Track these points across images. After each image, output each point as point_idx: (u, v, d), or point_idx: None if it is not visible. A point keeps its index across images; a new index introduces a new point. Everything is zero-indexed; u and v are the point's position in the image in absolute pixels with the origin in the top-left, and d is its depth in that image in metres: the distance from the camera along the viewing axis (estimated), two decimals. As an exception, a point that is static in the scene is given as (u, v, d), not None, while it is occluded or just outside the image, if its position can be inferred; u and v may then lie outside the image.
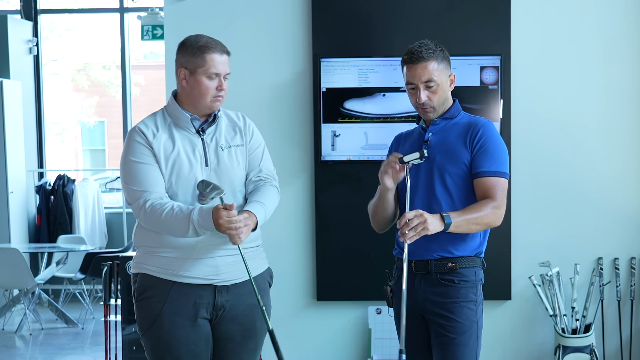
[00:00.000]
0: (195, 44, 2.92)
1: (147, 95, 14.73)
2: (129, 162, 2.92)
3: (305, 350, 4.98)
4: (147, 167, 2.89)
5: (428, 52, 2.97)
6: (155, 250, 2.92)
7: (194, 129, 2.96)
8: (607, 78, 4.83)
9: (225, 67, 2.95)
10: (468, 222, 2.88)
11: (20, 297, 7.06)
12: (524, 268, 4.82)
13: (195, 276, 2.91)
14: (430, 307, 3.00)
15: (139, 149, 2.91)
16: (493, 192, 2.92)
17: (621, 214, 4.87)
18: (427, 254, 2.99)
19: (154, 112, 3.04)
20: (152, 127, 2.95)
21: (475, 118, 3.07)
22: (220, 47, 2.95)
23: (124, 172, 2.94)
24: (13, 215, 8.00)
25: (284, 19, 4.87)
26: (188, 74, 2.92)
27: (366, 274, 4.80)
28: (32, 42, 8.66)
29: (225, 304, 2.96)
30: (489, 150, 2.95)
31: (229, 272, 2.95)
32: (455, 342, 2.95)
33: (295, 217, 4.91)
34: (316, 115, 4.77)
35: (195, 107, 2.96)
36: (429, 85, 2.97)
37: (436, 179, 2.98)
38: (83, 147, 15.75)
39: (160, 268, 2.91)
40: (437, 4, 4.77)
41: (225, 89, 2.96)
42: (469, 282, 2.99)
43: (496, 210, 2.91)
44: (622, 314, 4.90)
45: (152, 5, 8.49)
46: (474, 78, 4.67)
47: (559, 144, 4.85)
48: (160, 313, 2.91)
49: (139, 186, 2.89)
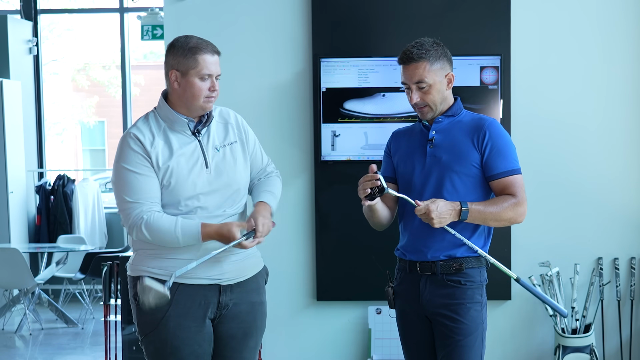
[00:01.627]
0: (186, 45, 2.87)
1: (147, 95, 14.72)
2: (122, 170, 2.88)
3: (305, 350, 4.98)
4: (142, 177, 2.85)
5: (420, 52, 2.94)
6: (158, 253, 2.90)
7: (190, 131, 2.93)
8: (607, 78, 4.83)
9: (216, 67, 2.91)
10: (485, 217, 2.89)
11: (20, 297, 7.06)
12: (524, 268, 4.82)
13: (201, 277, 2.91)
14: (436, 309, 2.98)
15: (134, 158, 2.86)
16: (513, 190, 2.93)
17: (621, 214, 4.87)
18: (432, 255, 2.97)
19: (145, 115, 2.98)
20: (148, 133, 2.89)
21: (479, 117, 3.04)
22: (211, 48, 2.90)
23: (117, 180, 2.90)
24: (13, 215, 8.00)
25: (283, 19, 4.87)
26: (180, 76, 2.88)
27: (366, 274, 4.80)
28: (32, 42, 8.66)
29: (229, 302, 2.96)
30: (501, 151, 2.94)
31: (233, 271, 2.96)
32: (460, 344, 2.94)
33: (295, 217, 4.91)
34: (316, 115, 4.77)
35: (188, 109, 2.92)
36: (421, 86, 2.96)
37: (443, 179, 2.96)
38: (83, 147, 15.75)
39: (164, 270, 2.87)
40: (437, 4, 4.77)
41: (218, 89, 2.92)
42: (475, 282, 2.98)
43: (517, 207, 2.91)
44: (622, 314, 4.90)
45: (152, 5, 8.49)
46: (474, 78, 4.67)
47: (558, 144, 4.85)
48: (166, 315, 2.88)
49: (132, 197, 2.85)
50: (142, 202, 2.84)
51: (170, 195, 2.88)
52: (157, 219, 2.83)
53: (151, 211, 2.84)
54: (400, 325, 3.12)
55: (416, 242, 3.00)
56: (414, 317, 3.04)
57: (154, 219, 2.83)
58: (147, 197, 2.85)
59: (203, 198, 2.90)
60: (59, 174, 8.61)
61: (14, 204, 8.01)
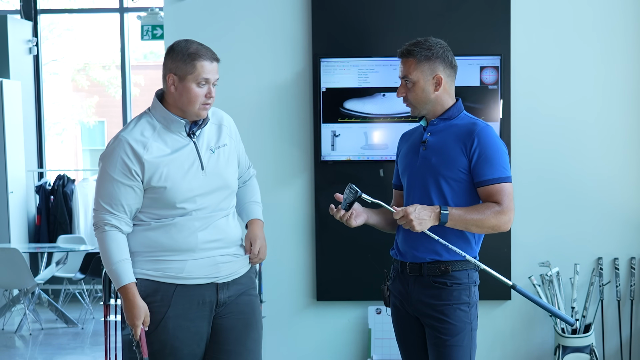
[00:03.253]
0: (186, 51, 2.86)
1: (147, 95, 14.69)
2: (105, 174, 2.88)
3: (305, 350, 4.98)
4: (122, 187, 2.86)
5: (412, 48, 2.97)
6: (154, 255, 2.91)
7: (186, 133, 2.93)
8: (607, 78, 4.83)
9: (214, 74, 2.90)
10: (467, 224, 2.87)
11: (20, 297, 7.06)
12: (524, 268, 4.82)
13: (198, 276, 2.92)
14: (424, 309, 3.00)
15: (119, 166, 2.85)
16: (498, 198, 2.90)
17: (621, 213, 4.87)
18: (419, 257, 2.99)
19: (138, 117, 2.96)
20: (141, 137, 2.88)
21: (473, 122, 3.01)
22: (210, 54, 2.89)
23: (98, 181, 2.92)
24: (13, 215, 8.00)
25: (283, 19, 4.87)
26: (177, 80, 2.87)
27: (366, 274, 4.80)
28: (32, 42, 8.66)
29: (227, 299, 2.98)
30: (489, 158, 2.92)
31: (229, 268, 2.98)
32: (448, 343, 2.95)
33: (295, 217, 4.91)
34: (316, 115, 4.77)
35: (183, 113, 2.91)
36: (406, 81, 2.99)
37: (430, 181, 2.97)
38: (83, 147, 15.74)
39: (161, 272, 2.90)
40: (437, 4, 4.77)
41: (214, 96, 2.92)
42: (461, 284, 2.98)
43: (500, 215, 2.88)
44: (622, 314, 4.90)
45: (152, 5, 8.49)
46: (473, 78, 4.67)
47: (558, 144, 4.85)
48: (165, 317, 2.90)
49: (106, 202, 2.87)
50: (113, 212, 2.87)
51: (165, 197, 2.88)
52: (111, 238, 2.87)
53: (114, 227, 2.88)
54: (394, 324, 3.16)
55: (406, 243, 3.02)
56: (406, 316, 3.08)
57: (110, 236, 2.87)
58: (120, 207, 2.87)
59: (199, 200, 2.90)
60: (59, 174, 8.61)
61: (14, 204, 8.01)
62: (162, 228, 2.90)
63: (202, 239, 2.90)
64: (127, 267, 2.87)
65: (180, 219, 2.89)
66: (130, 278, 2.87)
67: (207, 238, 2.91)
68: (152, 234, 2.90)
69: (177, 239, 2.89)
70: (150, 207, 2.91)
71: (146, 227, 2.91)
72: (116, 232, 2.88)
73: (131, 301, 2.86)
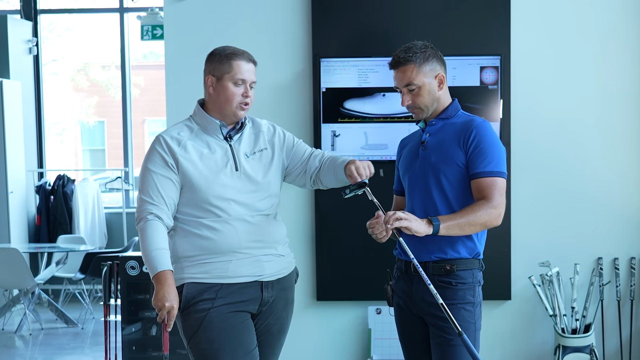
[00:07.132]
0: (223, 52, 3.01)
1: (146, 95, 14.73)
2: (145, 169, 2.98)
3: (305, 350, 4.98)
4: (161, 178, 2.94)
5: (407, 55, 2.97)
6: (199, 259, 2.95)
7: (222, 136, 3.01)
8: (606, 78, 4.84)
9: (251, 75, 3.03)
10: (460, 225, 2.86)
11: (20, 297, 7.06)
12: (524, 268, 4.83)
13: (243, 275, 2.97)
14: (428, 309, 3.00)
15: (157, 159, 2.95)
16: (488, 192, 2.90)
17: (621, 213, 4.87)
18: (424, 256, 2.98)
19: (178, 122, 3.08)
20: (177, 136, 2.98)
21: (471, 118, 3.03)
22: (247, 56, 3.03)
23: (140, 178, 3.00)
24: (13, 215, 8.00)
25: (284, 19, 4.87)
26: (215, 81, 2.99)
27: (366, 274, 4.81)
28: (32, 42, 8.66)
29: (270, 299, 3.03)
30: (484, 151, 2.93)
31: (272, 267, 3.03)
32: (452, 342, 2.95)
33: (295, 217, 4.91)
34: (316, 115, 4.77)
35: (222, 114, 3.00)
36: (410, 88, 2.99)
37: (431, 180, 2.98)
38: (83, 147, 15.74)
39: (207, 274, 2.95)
40: (437, 4, 4.77)
41: (251, 96, 3.01)
42: (466, 284, 2.99)
43: (491, 210, 2.87)
44: (622, 314, 4.90)
45: (152, 5, 8.49)
46: (473, 78, 4.67)
47: (558, 144, 4.85)
48: (209, 314, 2.93)
49: (147, 195, 2.94)
50: (154, 203, 2.93)
51: (199, 193, 2.94)
52: (152, 226, 2.90)
53: (156, 217, 2.92)
54: (397, 323, 3.16)
55: (410, 243, 3.01)
56: (410, 316, 3.08)
57: (151, 225, 2.90)
58: (161, 199, 2.93)
59: (235, 200, 2.95)
60: (59, 174, 8.62)
61: (14, 204, 8.01)
62: (204, 232, 2.94)
63: (244, 239, 2.96)
64: (164, 255, 2.88)
65: (220, 220, 2.94)
66: (167, 265, 2.87)
67: (248, 238, 2.96)
68: (195, 240, 2.95)
69: (219, 241, 2.94)
70: (188, 206, 2.96)
71: (188, 232, 2.96)
72: (158, 222, 2.92)
73: (163, 287, 2.84)
